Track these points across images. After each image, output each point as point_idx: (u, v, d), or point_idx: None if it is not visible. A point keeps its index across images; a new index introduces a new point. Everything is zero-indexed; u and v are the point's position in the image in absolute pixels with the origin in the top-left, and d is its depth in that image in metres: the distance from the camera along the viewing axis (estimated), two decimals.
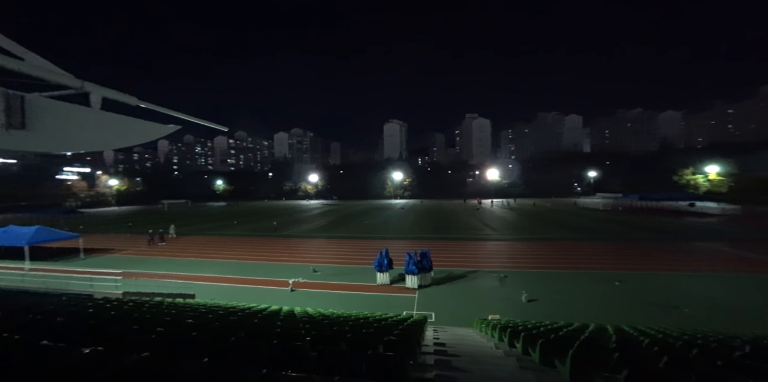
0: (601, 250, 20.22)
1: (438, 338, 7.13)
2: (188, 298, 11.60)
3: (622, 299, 11.71)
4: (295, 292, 13.14)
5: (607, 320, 8.68)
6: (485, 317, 9.76)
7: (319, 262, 17.67)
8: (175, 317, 5.62)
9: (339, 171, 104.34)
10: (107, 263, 18.23)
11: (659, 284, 13.35)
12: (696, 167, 60.45)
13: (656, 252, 19.05)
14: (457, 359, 4.78)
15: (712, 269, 15.05)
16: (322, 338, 4.20)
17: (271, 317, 6.57)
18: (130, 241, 25.91)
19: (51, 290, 12.18)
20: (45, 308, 5.82)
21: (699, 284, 13.15)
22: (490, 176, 75.09)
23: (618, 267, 15.74)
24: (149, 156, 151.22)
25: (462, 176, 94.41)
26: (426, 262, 13.77)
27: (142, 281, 13.14)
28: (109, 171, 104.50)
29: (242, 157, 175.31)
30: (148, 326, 4.43)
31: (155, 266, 17.27)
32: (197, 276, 15.13)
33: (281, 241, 25.50)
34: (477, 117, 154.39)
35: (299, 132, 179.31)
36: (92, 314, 5.33)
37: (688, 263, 16.47)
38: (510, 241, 23.88)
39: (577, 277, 14.50)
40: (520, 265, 16.75)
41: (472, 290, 13.21)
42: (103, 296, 10.47)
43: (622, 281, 13.49)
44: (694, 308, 10.65)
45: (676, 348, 4.30)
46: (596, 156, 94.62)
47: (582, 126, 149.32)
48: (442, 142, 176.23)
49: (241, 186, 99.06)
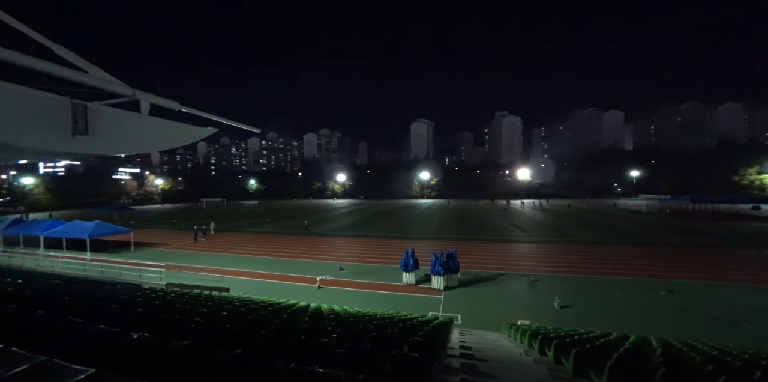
0: (645, 255, 18.68)
1: (464, 341, 6.99)
2: (223, 291, 12.31)
3: (669, 310, 10.75)
4: (322, 289, 13.47)
5: (650, 331, 8.02)
6: (514, 321, 9.41)
7: (345, 260, 17.98)
8: (212, 309, 5.98)
9: (366, 171, 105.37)
10: (153, 255, 19.80)
11: (715, 295, 12.10)
12: (763, 165, 53.96)
13: (709, 259, 17.28)
14: (483, 363, 4.66)
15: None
16: (347, 335, 4.28)
17: (299, 313, 6.79)
18: (174, 236, 27.98)
19: (107, 279, 13.48)
20: (102, 295, 6.45)
21: (763, 298, 11.74)
22: (520, 176, 72.15)
23: (665, 275, 14.47)
24: (190, 157, 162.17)
25: (491, 176, 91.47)
26: (452, 263, 13.53)
27: (182, 273, 14.13)
28: (156, 171, 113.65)
29: (273, 157, 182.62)
30: (188, 316, 4.76)
31: (194, 260, 18.49)
32: (231, 271, 16.00)
33: (309, 239, 26.25)
34: (507, 115, 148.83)
35: (327, 132, 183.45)
36: (140, 303, 5.82)
37: (751, 273, 14.76)
38: (541, 243, 22.79)
39: (616, 284, 13.53)
40: (552, 269, 15.94)
41: (501, 293, 12.79)
42: (150, 286, 11.42)
43: (669, 291, 12.39)
44: (757, 325, 9.53)
45: (735, 368, 3.87)
46: (639, 154, 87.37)
47: (623, 122, 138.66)
48: (471, 141, 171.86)
49: (272, 185, 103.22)
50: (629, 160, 77.87)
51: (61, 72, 2.29)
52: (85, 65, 2.56)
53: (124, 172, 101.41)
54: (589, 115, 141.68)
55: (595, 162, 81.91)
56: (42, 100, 2.15)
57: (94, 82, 2.60)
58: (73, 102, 2.36)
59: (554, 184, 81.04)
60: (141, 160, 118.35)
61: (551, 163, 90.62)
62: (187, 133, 3.56)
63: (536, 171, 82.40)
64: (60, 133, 2.26)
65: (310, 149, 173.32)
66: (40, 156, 3.65)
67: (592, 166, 79.83)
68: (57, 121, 2.21)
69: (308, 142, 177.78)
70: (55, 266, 16.47)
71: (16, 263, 17.33)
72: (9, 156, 3.69)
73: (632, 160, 76.98)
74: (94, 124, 2.49)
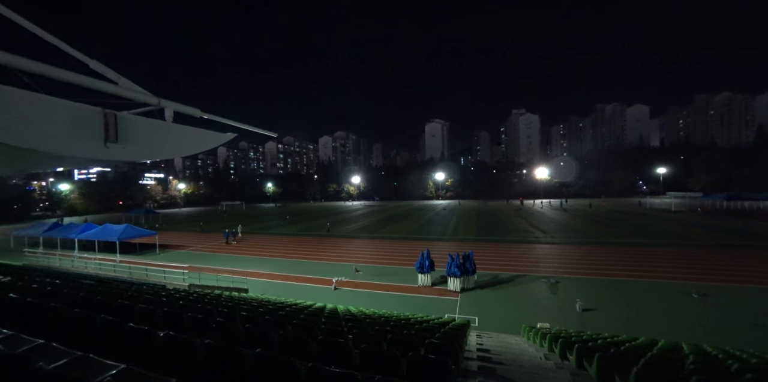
0: (674, 256, 17.73)
1: (482, 343, 6.87)
2: (242, 292, 12.66)
3: (702, 315, 10.16)
4: (339, 290, 13.59)
5: (681, 337, 7.61)
6: (533, 324, 9.16)
7: (361, 261, 18.07)
8: (232, 309, 6.17)
9: (381, 172, 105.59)
10: (176, 257, 20.61)
11: (751, 299, 11.34)
12: None
13: (746, 261, 16.20)
14: (502, 367, 4.56)
15: None
16: (364, 336, 4.31)
17: (316, 314, 6.88)
18: (197, 238, 29.01)
19: (135, 280, 14.15)
20: (130, 295, 6.78)
21: None
22: (539, 175, 70.11)
23: (697, 277, 13.69)
24: (210, 162, 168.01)
25: (508, 176, 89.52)
26: (469, 264, 13.33)
27: (204, 274, 14.63)
28: (179, 176, 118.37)
29: (290, 160, 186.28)
30: (209, 315, 4.93)
31: (215, 261, 19.10)
32: (250, 272, 16.41)
33: (325, 240, 26.56)
34: (524, 113, 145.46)
35: (342, 135, 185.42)
36: (165, 302, 6.08)
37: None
38: (562, 244, 22.07)
39: (642, 286, 12.92)
40: (573, 271, 15.40)
41: (519, 295, 12.48)
42: (173, 287, 11.89)
43: (702, 294, 11.70)
44: None
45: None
46: (668, 151, 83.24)
47: (649, 117, 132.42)
48: (487, 141, 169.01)
49: (289, 188, 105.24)
50: (656, 156, 74.27)
51: (95, 84, 2.47)
52: (116, 77, 2.74)
53: (150, 177, 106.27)
54: (612, 110, 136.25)
55: (620, 159, 78.62)
56: (78, 111, 2.32)
57: (123, 92, 2.79)
58: (105, 112, 2.53)
59: (575, 183, 78.35)
60: (165, 165, 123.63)
61: (571, 161, 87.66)
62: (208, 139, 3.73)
63: (556, 170, 79.90)
64: (93, 141, 2.42)
65: (326, 152, 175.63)
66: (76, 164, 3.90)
67: (616, 163, 76.64)
68: (91, 131, 2.37)
69: (324, 145, 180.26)
70: (89, 267, 17.46)
71: (54, 264, 18.52)
72: (49, 164, 3.96)
73: (659, 156, 73.38)
74: (124, 132, 2.65)
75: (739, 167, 59.63)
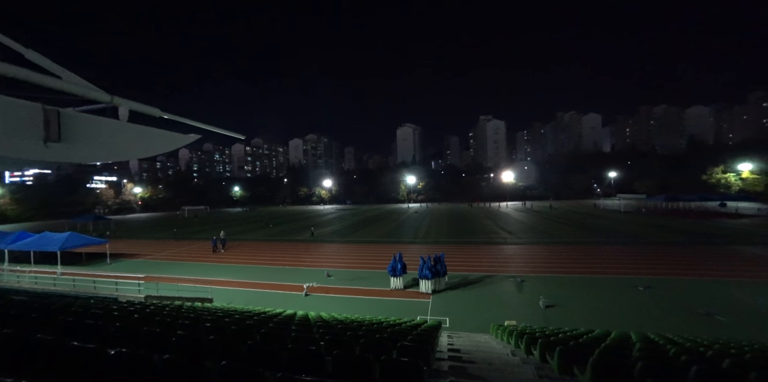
0: (623, 253, 19.37)
1: (452, 343, 7.02)
2: (206, 302, 11.93)
3: (647, 306, 11.16)
4: (310, 296, 13.26)
5: (630, 327, 8.30)
6: (501, 322, 9.53)
7: (333, 266, 17.79)
8: (194, 321, 5.79)
9: (353, 176, 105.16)
10: (131, 267, 19.00)
11: (689, 290, 12.67)
12: (727, 165, 57.33)
13: (684, 256, 18.10)
14: (472, 365, 4.70)
15: (749, 275, 14.15)
16: (336, 342, 4.24)
17: (286, 322, 6.66)
18: (169, 246, 26.94)
19: (80, 293, 12.80)
20: (75, 310, 6.13)
21: (735, 291, 12.36)
22: (505, 179, 73.68)
23: (642, 272, 15.04)
24: (171, 164, 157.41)
25: (476, 179, 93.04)
26: (440, 266, 13.62)
27: (163, 284, 13.60)
28: (134, 179, 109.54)
29: (258, 163, 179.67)
30: (169, 329, 4.59)
31: (175, 270, 17.85)
32: (215, 280, 15.53)
33: (296, 245, 25.85)
34: (491, 119, 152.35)
35: (314, 138, 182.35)
36: (117, 317, 5.57)
37: (721, 267, 15.54)
38: (527, 244, 23.28)
39: (598, 282, 13.96)
40: (537, 269, 16.28)
41: (488, 295, 12.94)
42: (127, 300, 10.92)
43: (647, 287, 12.87)
44: (729, 316, 10.02)
45: (706, 358, 4.06)
46: (617, 156, 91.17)
47: (601, 125, 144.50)
48: (457, 145, 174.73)
49: (258, 192, 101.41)
50: (608, 161, 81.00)
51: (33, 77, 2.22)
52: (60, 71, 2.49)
53: (100, 180, 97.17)
54: (569, 118, 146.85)
55: (577, 164, 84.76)
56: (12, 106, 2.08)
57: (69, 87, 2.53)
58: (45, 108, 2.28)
59: (538, 187, 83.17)
60: (118, 167, 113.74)
61: (534, 165, 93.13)
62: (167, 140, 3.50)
63: (520, 174, 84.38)
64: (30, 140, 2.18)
65: (297, 155, 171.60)
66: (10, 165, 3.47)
67: (574, 168, 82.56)
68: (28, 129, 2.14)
69: (294, 148, 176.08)
70: (22, 281, 15.52)
71: None
72: None
73: (610, 161, 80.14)
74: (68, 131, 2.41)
75: (675, 172, 66.94)
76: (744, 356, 4.24)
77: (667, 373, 2.96)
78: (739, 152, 58.42)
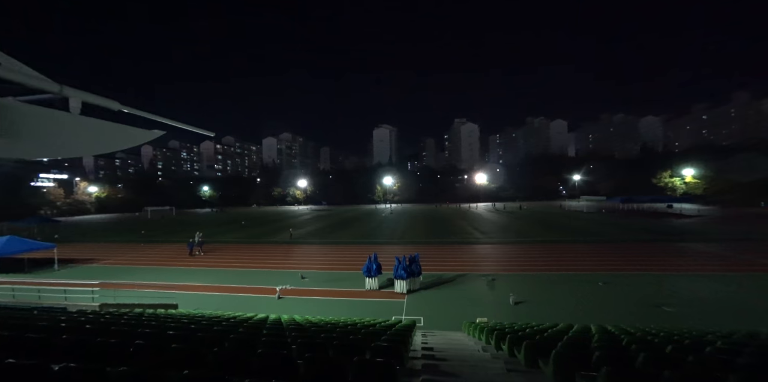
0: (586, 252, 20.69)
1: (427, 342, 7.13)
2: (171, 308, 11.25)
3: (606, 300, 11.99)
4: (283, 299, 12.92)
5: (591, 320, 8.86)
6: (474, 320, 9.82)
7: (307, 268, 17.45)
8: (156, 329, 5.44)
9: (329, 176, 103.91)
10: (84, 273, 17.52)
11: (641, 284, 13.75)
12: (673, 170, 63.04)
13: (638, 253, 19.64)
14: (444, 363, 4.80)
15: (692, 269, 15.62)
16: (309, 345, 4.16)
17: (257, 326, 6.43)
18: (115, 250, 25.00)
19: (21, 304, 11.58)
20: (14, 323, 5.54)
21: (680, 284, 13.60)
22: (478, 180, 76.11)
23: (602, 268, 16.12)
24: (132, 162, 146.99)
25: (451, 181, 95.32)
26: (415, 266, 13.79)
27: (122, 291, 12.66)
28: (89, 177, 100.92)
29: (230, 162, 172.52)
30: (126, 338, 4.28)
31: (137, 276, 16.69)
32: (182, 285, 14.70)
33: (268, 247, 25.09)
34: (465, 122, 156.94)
35: (288, 137, 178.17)
36: (65, 329, 5.11)
37: (668, 263, 17.04)
38: (498, 244, 24.18)
39: (563, 278, 14.78)
40: (508, 268, 16.96)
41: (461, 293, 13.29)
42: (78, 309, 10.03)
43: (606, 282, 13.82)
44: (675, 307, 11.00)
45: (653, 345, 4.44)
46: (581, 160, 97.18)
47: (567, 131, 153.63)
48: (433, 147, 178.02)
49: (229, 192, 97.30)
50: (573, 165, 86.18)
51: None
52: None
53: (47, 178, 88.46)
54: (539, 123, 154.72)
55: (546, 167, 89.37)
56: None
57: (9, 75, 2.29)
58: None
59: (509, 188, 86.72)
60: (69, 164, 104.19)
61: (505, 168, 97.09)
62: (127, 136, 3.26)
63: (493, 176, 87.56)
64: None
65: (270, 154, 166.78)
66: None
67: (543, 171, 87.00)
68: None
69: (268, 147, 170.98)
70: None
71: None
72: None
73: (575, 165, 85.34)
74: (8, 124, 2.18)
75: (631, 176, 72.64)
76: (683, 342, 4.68)
77: (619, 360, 3.21)
78: (683, 159, 64.50)
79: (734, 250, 19.53)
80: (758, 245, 20.88)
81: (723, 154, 61.23)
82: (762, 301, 11.42)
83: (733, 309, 10.72)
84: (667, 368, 2.67)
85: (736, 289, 12.75)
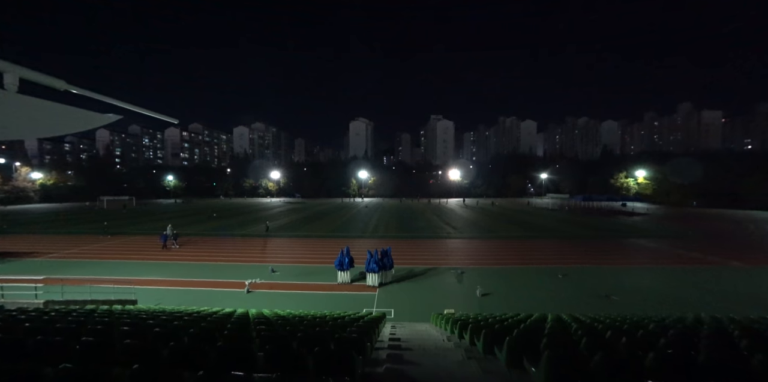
0: (548, 246, 22.04)
1: (394, 333, 7.31)
2: (129, 304, 10.61)
3: (564, 291, 12.88)
4: (252, 293, 12.62)
5: (550, 309, 9.50)
6: (442, 311, 10.18)
7: (278, 262, 17.12)
8: (109, 325, 5.13)
9: (303, 169, 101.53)
10: (25, 268, 16.04)
11: (594, 276, 14.90)
12: (628, 172, 68.37)
13: (594, 247, 21.22)
14: (409, 352, 4.96)
15: (640, 263, 17.17)
16: (272, 338, 4.12)
17: (221, 321, 6.25)
18: (64, 242, 22.97)
19: None
20: None
21: (627, 276, 14.89)
22: (452, 176, 77.91)
23: (562, 262, 17.26)
24: (85, 147, 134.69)
25: (426, 176, 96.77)
26: (387, 260, 13.98)
27: (71, 287, 11.72)
28: (32, 162, 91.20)
29: (197, 151, 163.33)
30: (72, 336, 4.01)
31: (91, 270, 15.53)
32: (142, 280, 13.87)
33: (238, 241, 24.27)
34: (441, 119, 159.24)
35: (261, 127, 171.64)
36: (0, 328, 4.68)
37: (619, 256, 18.59)
38: (468, 239, 25.06)
39: (526, 271, 15.66)
40: (476, 261, 17.67)
41: (431, 286, 13.69)
42: (18, 307, 9.17)
43: (564, 275, 14.83)
44: (621, 296, 12.07)
45: (596, 331, 4.87)
46: (548, 160, 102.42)
47: (536, 131, 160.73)
48: (408, 142, 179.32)
49: (196, 182, 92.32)
50: (540, 164, 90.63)
51: None
52: None
53: None
54: (510, 123, 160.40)
55: (515, 165, 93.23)
56: None
57: None
58: None
59: (481, 185, 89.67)
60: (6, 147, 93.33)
61: (477, 165, 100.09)
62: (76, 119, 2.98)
63: (466, 172, 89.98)
64: None
65: (242, 144, 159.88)
66: None
67: (513, 169, 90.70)
68: None
69: (239, 136, 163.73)
70: None
71: None
72: None
73: (542, 164, 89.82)
74: None
75: (592, 176, 77.81)
76: (623, 327, 5.19)
77: (564, 345, 3.50)
78: (636, 161, 70.08)
79: (671, 245, 21.69)
80: (688, 241, 23.32)
81: (667, 159, 67.27)
82: (691, 290, 12.86)
83: (668, 298, 11.97)
84: (603, 349, 2.95)
85: (670, 280, 14.23)
